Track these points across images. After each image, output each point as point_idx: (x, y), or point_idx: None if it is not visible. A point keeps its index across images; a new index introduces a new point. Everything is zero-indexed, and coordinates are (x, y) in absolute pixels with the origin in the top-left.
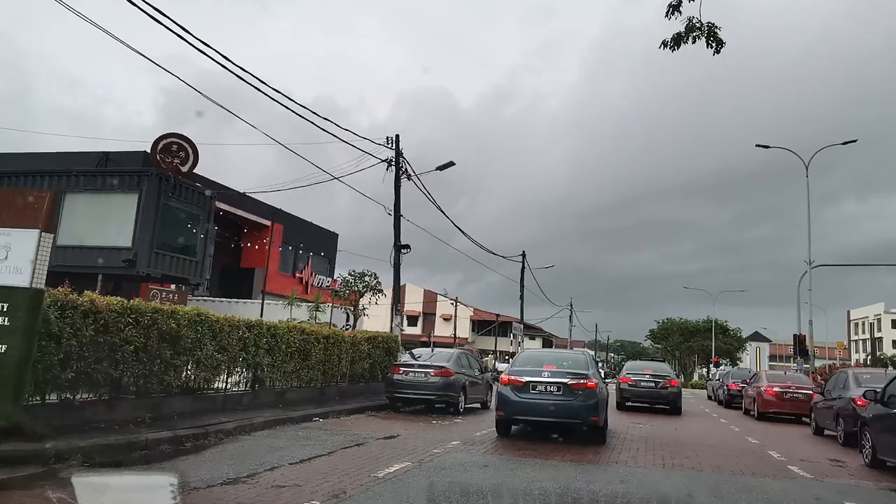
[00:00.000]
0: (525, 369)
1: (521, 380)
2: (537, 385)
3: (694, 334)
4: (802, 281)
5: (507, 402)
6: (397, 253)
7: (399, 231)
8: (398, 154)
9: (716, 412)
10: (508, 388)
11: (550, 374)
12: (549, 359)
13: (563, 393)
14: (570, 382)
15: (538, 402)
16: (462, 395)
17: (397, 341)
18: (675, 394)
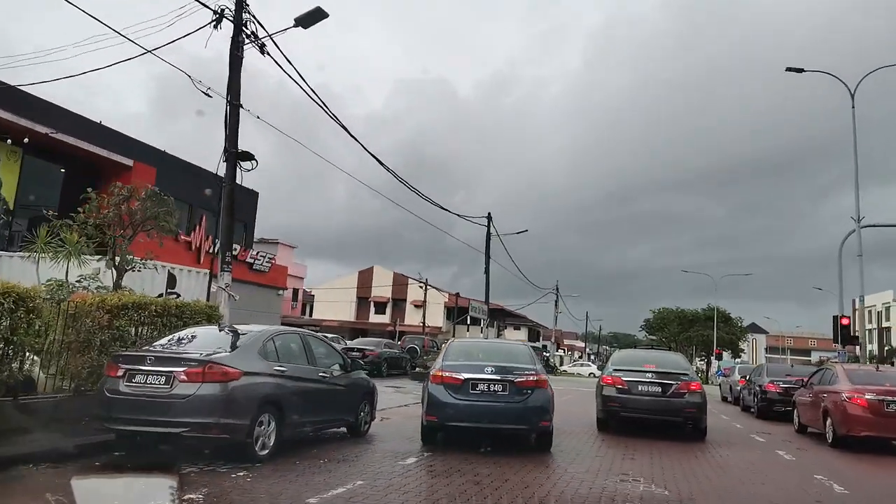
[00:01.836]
0: (463, 364)
1: (458, 377)
2: (479, 384)
3: (693, 323)
4: (845, 246)
5: (441, 404)
6: (231, 165)
7: (236, 128)
8: (240, 4)
9: (752, 429)
10: (442, 387)
11: (494, 369)
12: (488, 351)
13: (509, 393)
14: (517, 380)
15: (480, 404)
16: (257, 423)
17: (216, 315)
18: (698, 405)
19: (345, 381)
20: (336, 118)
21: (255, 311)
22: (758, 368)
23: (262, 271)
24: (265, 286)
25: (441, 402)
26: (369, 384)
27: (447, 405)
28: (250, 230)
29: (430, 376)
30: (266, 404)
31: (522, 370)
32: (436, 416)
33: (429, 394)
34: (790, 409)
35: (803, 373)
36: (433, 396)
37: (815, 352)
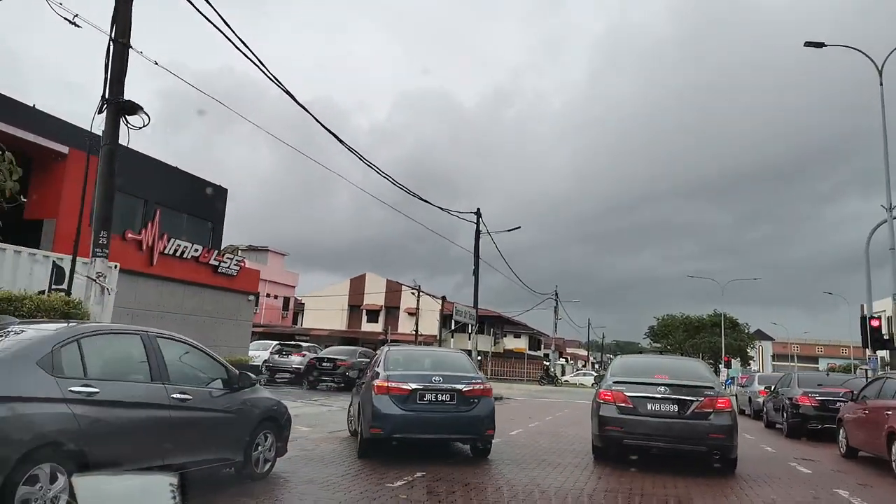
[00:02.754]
0: (408, 374)
1: (405, 387)
2: (426, 393)
3: (700, 330)
4: (872, 240)
5: (387, 416)
6: (113, 119)
7: (123, 73)
8: None
9: (787, 453)
10: (387, 397)
11: (442, 379)
12: (431, 360)
13: (457, 402)
14: (464, 389)
15: (428, 414)
16: (25, 482)
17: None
18: (727, 430)
19: (226, 405)
20: (322, 124)
21: (221, 319)
22: (785, 377)
23: (229, 275)
24: (234, 291)
25: (387, 414)
26: (273, 407)
27: (394, 416)
28: (218, 230)
29: (374, 387)
30: (43, 449)
31: (469, 379)
32: (381, 428)
33: (373, 405)
34: (830, 426)
35: (836, 382)
36: (378, 408)
37: (823, 359)
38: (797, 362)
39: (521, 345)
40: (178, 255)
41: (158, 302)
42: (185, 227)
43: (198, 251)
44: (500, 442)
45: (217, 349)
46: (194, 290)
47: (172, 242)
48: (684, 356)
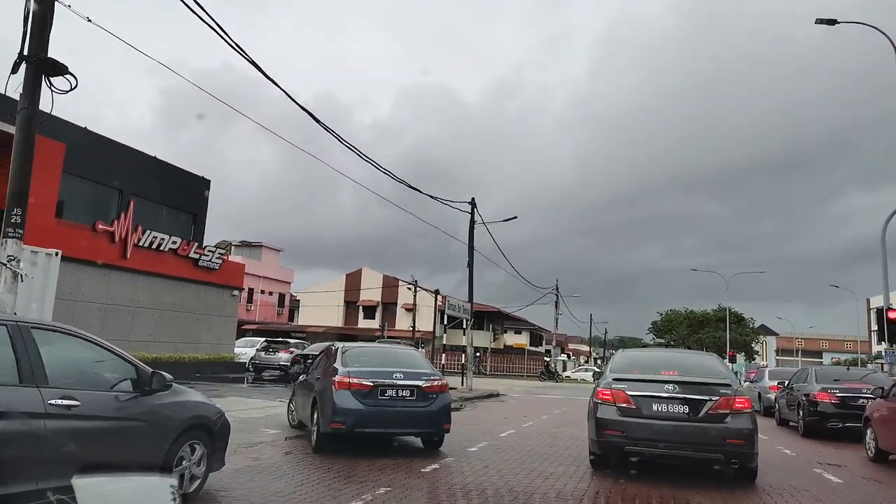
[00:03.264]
0: (370, 370)
1: (366, 383)
2: (388, 389)
3: (704, 325)
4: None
5: (350, 411)
6: (33, 78)
7: (47, 26)
8: None
9: (809, 456)
10: (349, 392)
11: (403, 375)
12: (389, 357)
13: (416, 398)
14: (424, 385)
15: (390, 410)
16: None
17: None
18: (746, 434)
19: (133, 412)
20: (317, 120)
21: (204, 314)
22: (801, 372)
23: (210, 269)
24: (216, 285)
25: (349, 409)
26: (203, 413)
27: (356, 411)
28: (200, 222)
29: (335, 382)
30: None
31: (428, 376)
32: (343, 422)
33: (334, 400)
34: (852, 425)
35: (854, 376)
36: (339, 403)
37: (827, 353)
38: (801, 357)
39: (522, 341)
40: (154, 247)
41: (133, 297)
42: (165, 219)
43: (176, 244)
44: (487, 446)
45: (200, 346)
46: (173, 284)
47: (148, 234)
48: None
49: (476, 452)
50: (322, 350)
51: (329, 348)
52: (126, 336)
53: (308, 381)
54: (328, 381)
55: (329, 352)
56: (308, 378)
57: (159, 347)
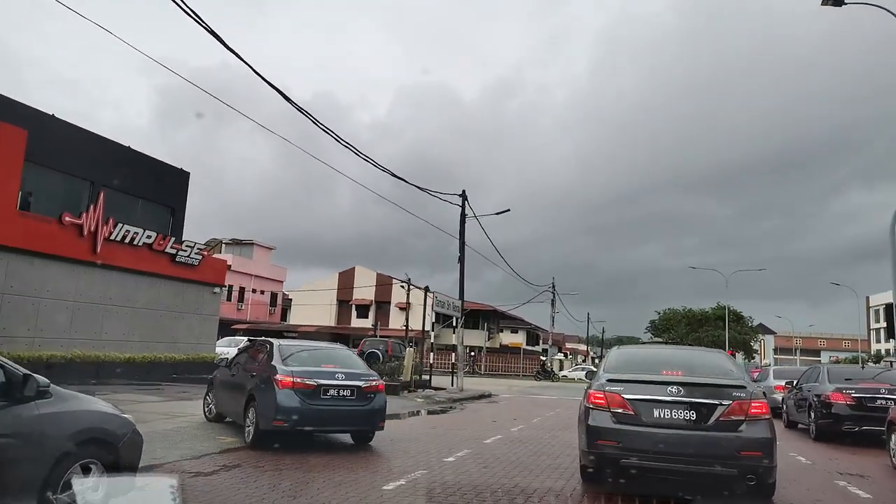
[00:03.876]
0: (311, 370)
1: (310, 383)
2: (330, 389)
3: (702, 323)
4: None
5: (293, 409)
6: None
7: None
8: None
9: (826, 464)
10: (293, 392)
11: (344, 376)
12: (326, 357)
13: (356, 397)
14: (364, 385)
15: (331, 409)
16: None
17: None
18: (764, 445)
19: None
20: (312, 119)
21: (182, 312)
22: (811, 371)
23: (189, 265)
24: (195, 282)
25: (292, 408)
26: (102, 424)
27: (299, 410)
28: (178, 216)
29: (278, 381)
30: None
31: (367, 377)
32: (285, 420)
33: (276, 399)
34: (870, 429)
35: (866, 375)
36: (282, 402)
37: (825, 352)
38: (800, 356)
39: (519, 340)
40: (127, 241)
41: (104, 294)
42: (140, 212)
43: (151, 238)
44: (467, 455)
45: (178, 346)
46: (149, 281)
47: (120, 228)
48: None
49: (453, 463)
50: (248, 345)
51: (262, 345)
52: (97, 335)
53: (235, 376)
54: (268, 379)
55: (261, 348)
56: (233, 373)
57: (133, 347)
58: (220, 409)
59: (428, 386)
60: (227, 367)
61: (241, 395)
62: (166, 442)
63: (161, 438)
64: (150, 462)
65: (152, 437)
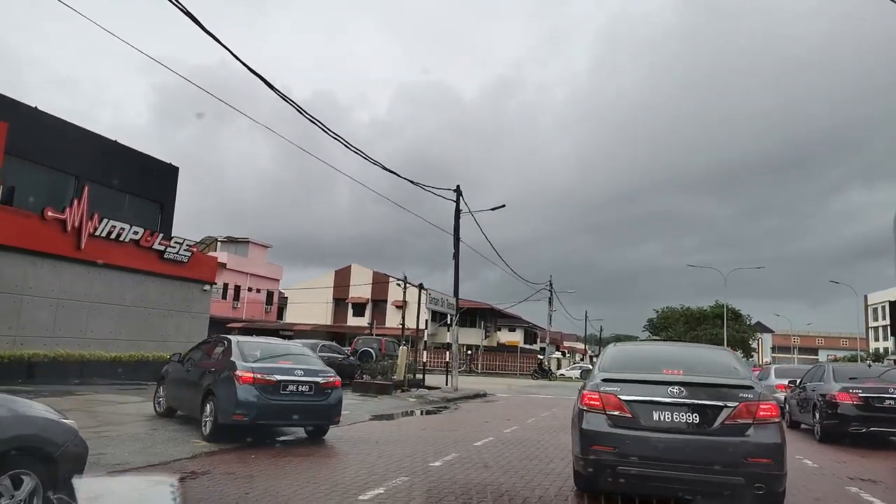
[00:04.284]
0: (271, 366)
1: (271, 379)
2: (289, 384)
3: (701, 322)
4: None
5: (253, 404)
6: None
7: None
8: None
9: (835, 469)
10: (254, 387)
11: (303, 372)
12: (284, 353)
13: (314, 393)
14: (321, 381)
15: (290, 403)
16: None
17: None
18: (773, 451)
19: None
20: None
21: (171, 310)
22: (815, 370)
23: (178, 262)
24: (185, 279)
25: (252, 402)
26: (35, 431)
27: (259, 405)
28: (168, 212)
29: (238, 377)
30: None
31: (325, 373)
32: (245, 415)
33: (237, 394)
34: (877, 430)
35: (872, 374)
36: (243, 397)
37: (823, 350)
38: (797, 354)
39: (516, 338)
40: (113, 237)
41: (89, 291)
42: (127, 208)
43: (138, 234)
44: (455, 459)
45: (167, 344)
46: (137, 278)
47: (106, 223)
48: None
49: (438, 469)
50: (202, 342)
51: (218, 341)
52: (82, 333)
53: (190, 371)
54: (228, 375)
55: (218, 345)
56: (188, 369)
57: (120, 346)
58: (172, 404)
59: (422, 385)
60: (179, 363)
61: (197, 389)
62: (137, 444)
63: (132, 440)
64: (114, 467)
65: (122, 440)
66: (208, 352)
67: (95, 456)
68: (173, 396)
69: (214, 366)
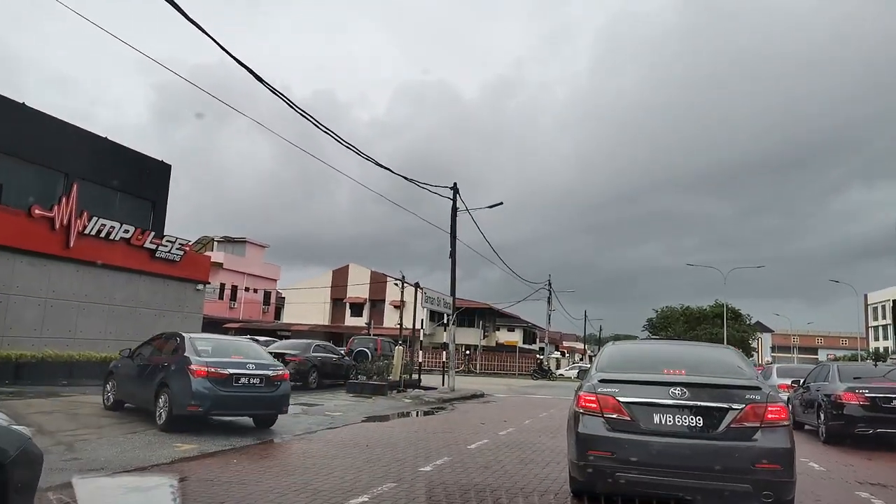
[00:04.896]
0: (223, 360)
1: (223, 372)
2: (241, 377)
3: (700, 321)
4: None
5: (207, 396)
6: None
7: None
8: None
9: (844, 472)
10: (207, 380)
11: (255, 366)
12: (235, 348)
13: (265, 385)
14: (271, 374)
15: (242, 395)
16: None
17: None
18: (782, 456)
19: None
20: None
21: (163, 310)
22: (820, 369)
23: (170, 261)
24: (177, 279)
25: (206, 394)
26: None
27: (213, 396)
28: (160, 210)
29: (193, 371)
30: None
31: (274, 367)
32: (200, 405)
33: (192, 386)
34: (884, 431)
35: (877, 373)
36: (198, 389)
37: (823, 350)
38: (797, 353)
39: (515, 338)
40: (102, 236)
41: (79, 291)
42: (118, 206)
43: (129, 232)
44: (446, 463)
45: None
46: (127, 277)
47: (95, 221)
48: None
49: (427, 474)
50: (152, 338)
51: (170, 337)
52: (71, 333)
53: (141, 366)
54: (182, 369)
55: (170, 340)
56: (139, 364)
57: (110, 346)
58: (122, 397)
59: (418, 386)
60: (129, 359)
61: (150, 383)
62: (115, 449)
63: (109, 445)
64: (86, 472)
65: (100, 444)
66: (160, 347)
67: (68, 461)
68: (124, 390)
69: (168, 360)
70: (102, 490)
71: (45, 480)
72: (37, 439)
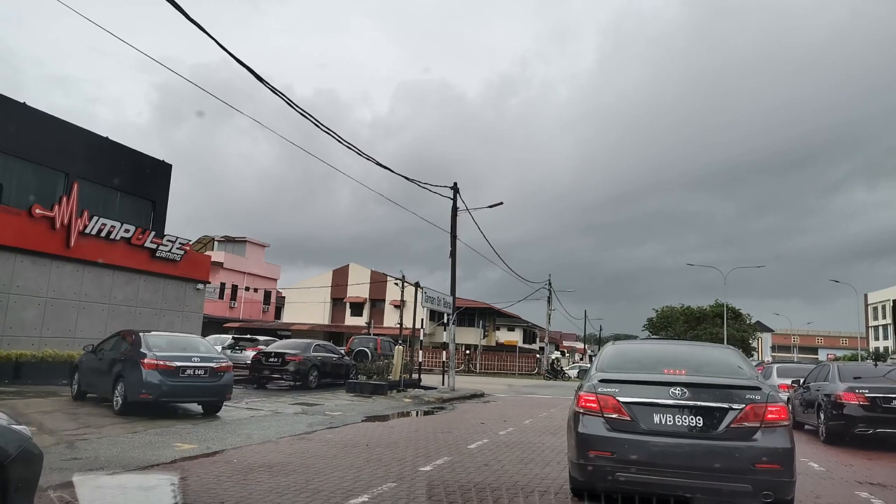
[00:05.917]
0: (172, 354)
1: (171, 364)
2: (187, 369)
3: (701, 321)
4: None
5: (156, 385)
6: None
7: None
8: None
9: (845, 472)
10: (157, 372)
11: (200, 359)
12: (186, 344)
13: (209, 375)
14: (215, 366)
15: (189, 384)
16: None
17: None
18: (782, 456)
19: None
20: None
21: (163, 310)
22: (820, 369)
23: (170, 260)
24: (177, 278)
25: (156, 384)
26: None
27: (161, 385)
28: (160, 210)
29: (144, 363)
30: None
31: (218, 359)
32: (150, 394)
33: (143, 377)
34: (885, 431)
35: (878, 373)
36: (148, 379)
37: (822, 349)
38: (797, 353)
39: (515, 338)
40: (103, 235)
41: (79, 289)
42: (118, 205)
43: (129, 232)
44: (445, 463)
45: None
46: (127, 276)
47: (96, 221)
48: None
49: (427, 474)
50: (112, 335)
51: (128, 335)
52: (71, 333)
53: (102, 360)
54: (136, 362)
55: (128, 338)
56: (100, 358)
57: None
58: (85, 388)
59: (418, 385)
60: (92, 353)
61: (109, 374)
62: (115, 449)
63: (110, 445)
64: (86, 473)
65: (100, 444)
66: (118, 343)
67: (68, 461)
68: (87, 382)
69: (124, 355)
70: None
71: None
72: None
